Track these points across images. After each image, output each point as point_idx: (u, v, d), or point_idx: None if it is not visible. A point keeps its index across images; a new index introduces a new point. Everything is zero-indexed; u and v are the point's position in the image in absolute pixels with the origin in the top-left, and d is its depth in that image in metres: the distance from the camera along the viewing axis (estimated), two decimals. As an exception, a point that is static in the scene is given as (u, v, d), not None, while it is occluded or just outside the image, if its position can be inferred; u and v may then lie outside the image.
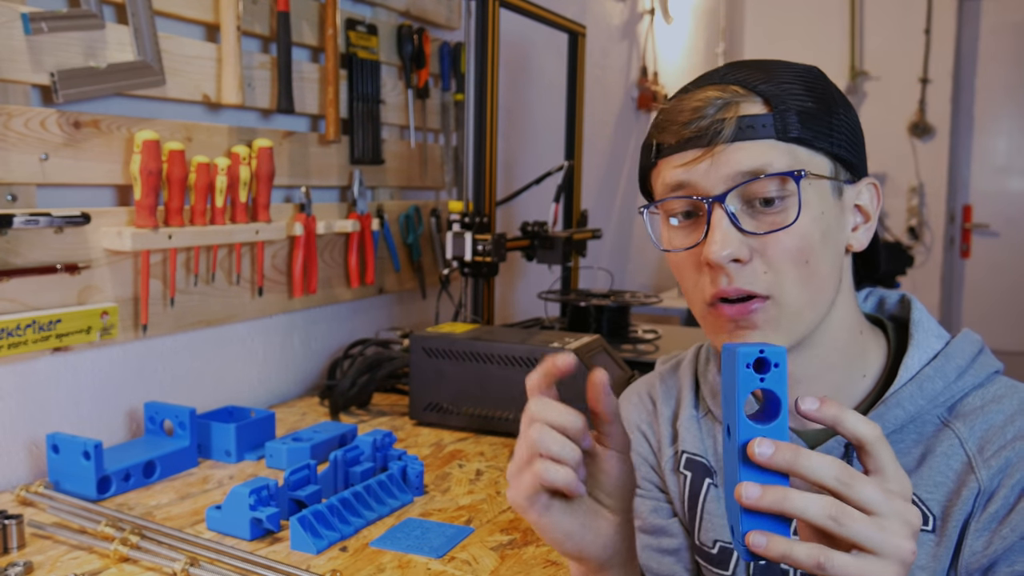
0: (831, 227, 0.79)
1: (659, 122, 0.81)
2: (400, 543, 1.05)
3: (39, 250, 1.25)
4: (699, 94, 0.78)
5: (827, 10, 4.51)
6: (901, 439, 0.81)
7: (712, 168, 0.76)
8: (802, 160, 0.77)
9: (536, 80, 2.68)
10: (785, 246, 0.76)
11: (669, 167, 0.79)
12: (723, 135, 0.76)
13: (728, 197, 0.76)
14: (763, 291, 0.77)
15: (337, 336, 1.90)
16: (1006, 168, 4.41)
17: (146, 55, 1.37)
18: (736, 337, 0.79)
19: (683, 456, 0.94)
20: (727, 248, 0.75)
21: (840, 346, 0.83)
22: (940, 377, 0.81)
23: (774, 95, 0.77)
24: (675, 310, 3.30)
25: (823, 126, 0.78)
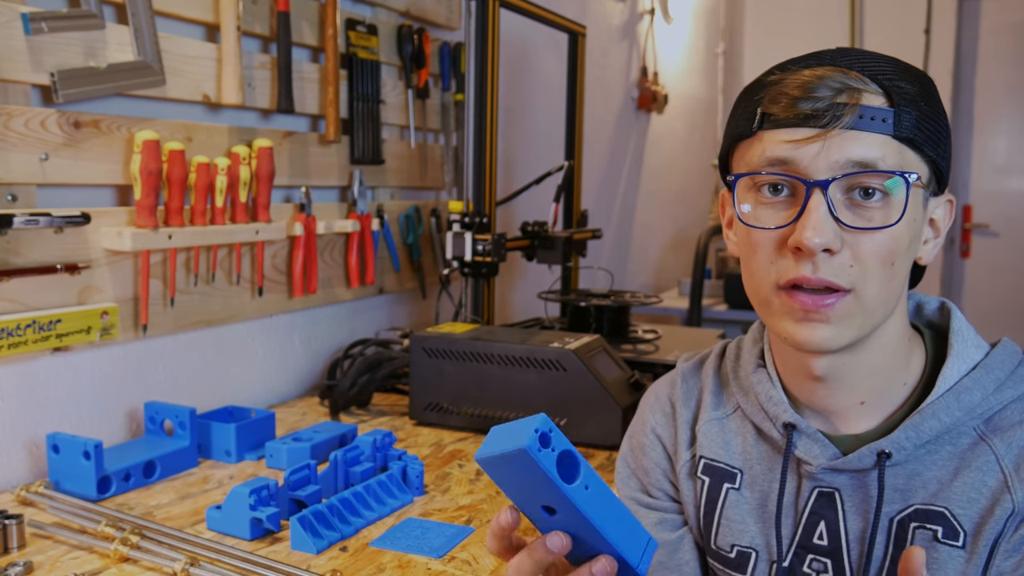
0: (916, 235, 0.78)
1: (770, 92, 0.78)
2: (400, 543, 1.05)
3: (39, 250, 1.25)
4: (815, 71, 0.76)
5: (827, 10, 4.51)
6: (936, 450, 0.79)
7: (823, 152, 0.74)
8: (909, 162, 0.76)
9: (536, 80, 2.68)
10: (878, 244, 0.75)
11: (775, 140, 0.76)
12: (842, 120, 0.73)
13: (832, 185, 0.74)
14: (847, 285, 0.75)
15: (337, 336, 1.90)
16: (1006, 168, 4.41)
17: (146, 55, 1.37)
18: (803, 328, 0.77)
19: (700, 461, 0.92)
20: (822, 235, 0.73)
21: (888, 352, 0.82)
22: (978, 389, 0.79)
23: (897, 91, 0.75)
24: (675, 310, 3.30)
25: (933, 133, 0.76)
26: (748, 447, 0.90)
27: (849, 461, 0.81)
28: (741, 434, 0.91)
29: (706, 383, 0.96)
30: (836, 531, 0.83)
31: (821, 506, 0.84)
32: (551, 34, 2.45)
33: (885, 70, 0.76)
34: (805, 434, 0.84)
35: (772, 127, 0.77)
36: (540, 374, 1.44)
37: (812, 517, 0.84)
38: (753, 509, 0.88)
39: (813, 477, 0.84)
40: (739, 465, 0.90)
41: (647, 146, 3.65)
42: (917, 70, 0.79)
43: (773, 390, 0.87)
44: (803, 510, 0.85)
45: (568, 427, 1.43)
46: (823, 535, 0.83)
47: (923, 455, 0.80)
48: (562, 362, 1.43)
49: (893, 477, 0.81)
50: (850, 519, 0.82)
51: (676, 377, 1.00)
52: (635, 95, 3.47)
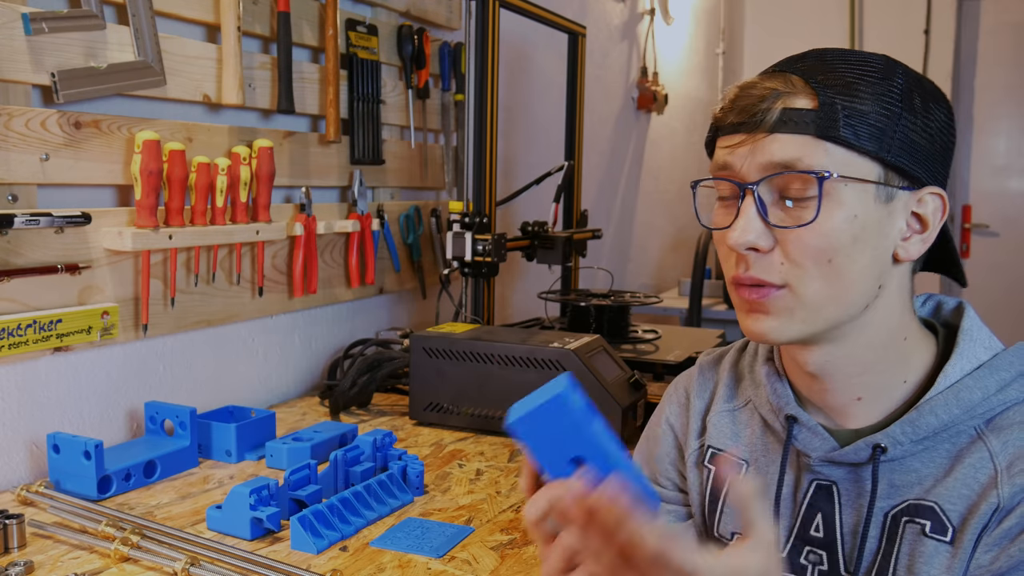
0: (868, 232, 0.78)
1: (723, 99, 0.82)
2: (400, 543, 1.06)
3: (40, 250, 1.25)
4: (765, 82, 0.79)
5: (827, 10, 4.52)
6: (934, 446, 0.80)
7: (750, 155, 0.77)
8: (839, 161, 0.76)
9: (536, 80, 2.68)
10: (806, 243, 0.76)
11: (720, 146, 0.81)
12: (765, 123, 0.76)
13: (760, 186, 0.77)
14: (777, 281, 0.77)
15: (337, 336, 1.90)
16: (1005, 168, 4.41)
17: (147, 55, 1.37)
18: (749, 319, 0.80)
19: (708, 450, 0.94)
20: (747, 236, 0.77)
21: (877, 348, 0.82)
22: (979, 388, 0.79)
23: (826, 91, 0.76)
24: (675, 310, 3.30)
25: (873, 129, 0.76)
26: (755, 439, 0.91)
27: (845, 454, 0.82)
28: (750, 426, 0.93)
29: (722, 376, 0.98)
30: (832, 524, 0.84)
31: (819, 499, 0.85)
32: (551, 34, 2.45)
33: (827, 69, 0.78)
34: (805, 427, 0.86)
35: (720, 135, 0.82)
36: (540, 374, 1.44)
37: (810, 509, 0.85)
38: None
39: (811, 470, 0.85)
40: (746, 457, 0.92)
41: (647, 146, 3.65)
42: (880, 65, 0.79)
43: (779, 384, 0.89)
44: (802, 502, 0.86)
45: (568, 427, 1.43)
46: (819, 527, 0.85)
47: (920, 451, 0.80)
48: (562, 362, 1.43)
49: (890, 472, 0.81)
50: (845, 512, 0.83)
51: (695, 369, 1.03)
52: (635, 95, 3.47)
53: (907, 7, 4.37)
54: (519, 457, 1.39)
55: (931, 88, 0.81)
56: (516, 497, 1.22)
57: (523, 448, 0.63)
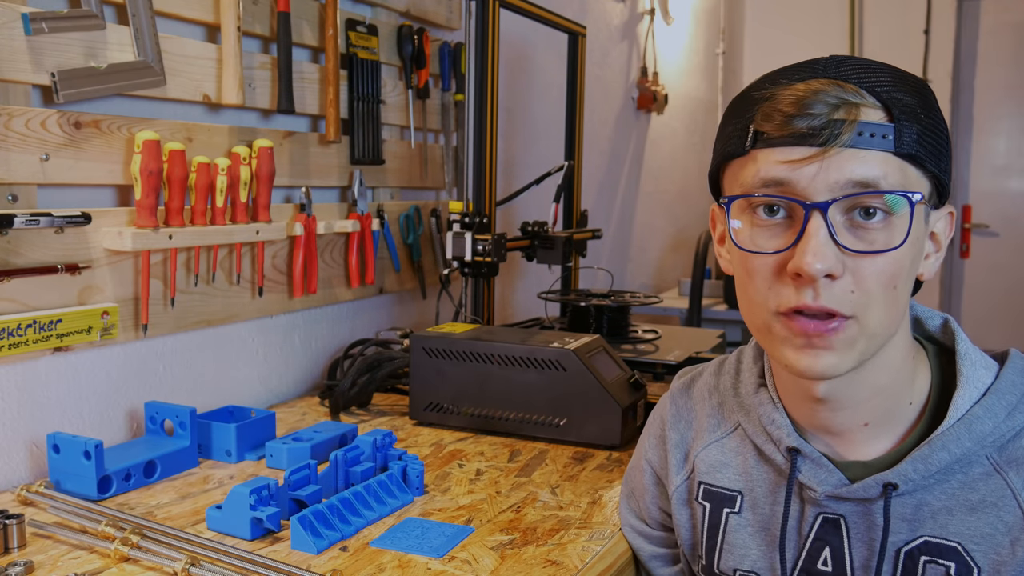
0: (919, 254, 0.75)
1: (763, 109, 0.74)
2: (400, 543, 1.06)
3: (40, 250, 1.25)
4: (808, 85, 0.72)
5: (827, 10, 4.52)
6: (945, 479, 0.77)
7: (821, 172, 0.70)
8: (911, 179, 0.72)
9: (536, 80, 2.68)
10: (880, 269, 0.71)
11: (770, 160, 0.72)
12: (841, 139, 0.69)
13: (831, 207, 0.70)
14: (848, 312, 0.72)
15: (337, 336, 1.90)
16: (1005, 168, 4.41)
17: (147, 55, 1.37)
18: (805, 355, 0.73)
19: (700, 487, 0.91)
20: (824, 261, 0.70)
21: (892, 371, 0.79)
22: (989, 417, 0.76)
23: (896, 104, 0.71)
24: (675, 310, 3.30)
25: (935, 147, 0.73)
26: (749, 468, 0.88)
27: (854, 491, 0.79)
28: (741, 454, 0.89)
29: (702, 404, 0.94)
30: (841, 559, 0.81)
31: (826, 532, 0.81)
32: (551, 34, 2.45)
33: (883, 80, 0.72)
34: (809, 459, 0.82)
35: (766, 146, 0.73)
36: (540, 374, 1.44)
37: (816, 543, 0.82)
38: (755, 532, 0.86)
39: (817, 503, 0.81)
40: (739, 487, 0.88)
41: (647, 146, 3.65)
42: (915, 78, 0.75)
43: (776, 413, 0.85)
44: (807, 535, 0.82)
45: (568, 427, 1.43)
46: (827, 561, 0.81)
47: (931, 484, 0.77)
48: (562, 362, 1.43)
49: (900, 507, 0.78)
50: (855, 547, 0.80)
51: (667, 399, 0.99)
52: (635, 95, 3.47)
53: (907, 7, 4.37)
54: (519, 457, 1.39)
55: None
56: (516, 497, 1.22)
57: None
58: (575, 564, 1.00)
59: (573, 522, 1.13)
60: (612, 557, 1.05)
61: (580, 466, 1.35)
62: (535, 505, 1.19)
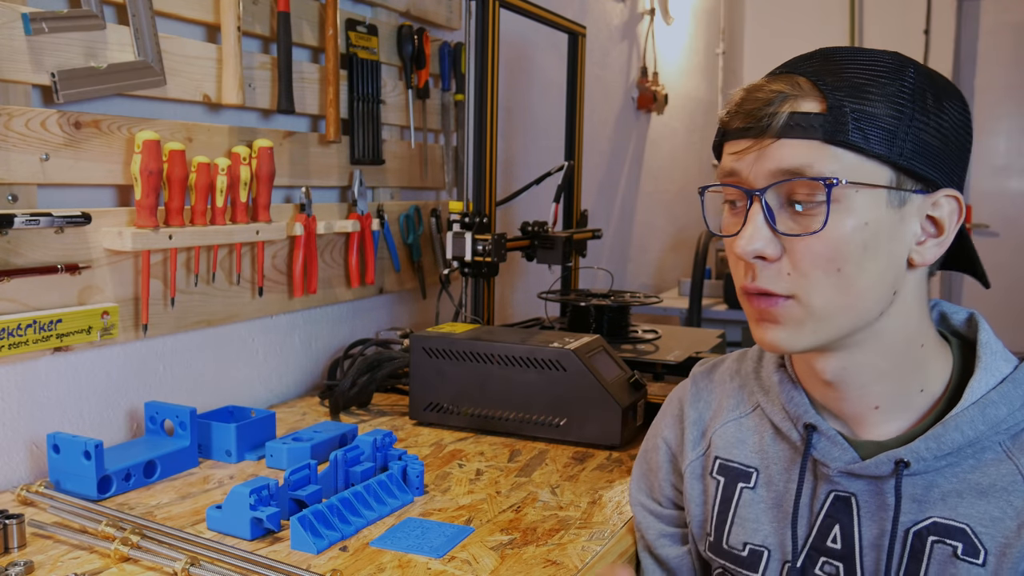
0: (879, 238, 0.75)
1: (728, 103, 0.81)
2: (400, 543, 1.06)
3: (40, 250, 1.25)
4: (771, 84, 0.77)
5: (827, 10, 4.52)
6: (957, 462, 0.78)
7: (757, 161, 0.76)
8: (849, 166, 0.73)
9: (536, 80, 2.68)
10: (814, 251, 0.74)
11: (727, 152, 0.79)
12: (771, 128, 0.74)
13: (768, 193, 0.75)
14: (783, 292, 0.76)
15: (337, 336, 1.90)
16: (1006, 168, 4.41)
17: (147, 55, 1.37)
18: (759, 328, 0.79)
19: (716, 461, 0.92)
20: (753, 244, 0.75)
21: (894, 356, 0.81)
22: (1004, 403, 0.78)
23: (834, 94, 0.74)
24: (675, 310, 3.30)
25: (884, 131, 0.73)
26: (765, 446, 0.90)
27: (866, 467, 0.81)
28: (758, 432, 0.91)
29: (723, 386, 0.96)
30: (850, 536, 0.82)
31: (837, 510, 0.83)
32: (551, 34, 2.45)
33: (836, 71, 0.75)
34: (825, 436, 0.84)
35: (727, 139, 0.80)
36: (540, 374, 1.44)
37: (827, 520, 0.84)
38: (768, 508, 0.88)
39: (830, 480, 0.83)
40: (755, 464, 0.90)
41: (647, 146, 3.65)
42: (892, 65, 0.76)
43: (795, 391, 0.87)
44: (818, 512, 0.84)
45: (568, 427, 1.43)
46: (837, 539, 0.83)
47: (943, 467, 0.79)
48: (562, 362, 1.43)
49: (911, 487, 0.79)
50: (865, 525, 0.82)
51: (688, 382, 1.02)
52: (635, 95, 3.47)
53: (907, 7, 4.37)
54: (519, 457, 1.39)
55: (944, 84, 0.78)
56: (516, 497, 1.22)
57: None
58: (575, 564, 1.00)
59: (573, 522, 1.13)
60: (612, 557, 1.05)
61: (580, 466, 1.35)
62: (535, 505, 1.19)
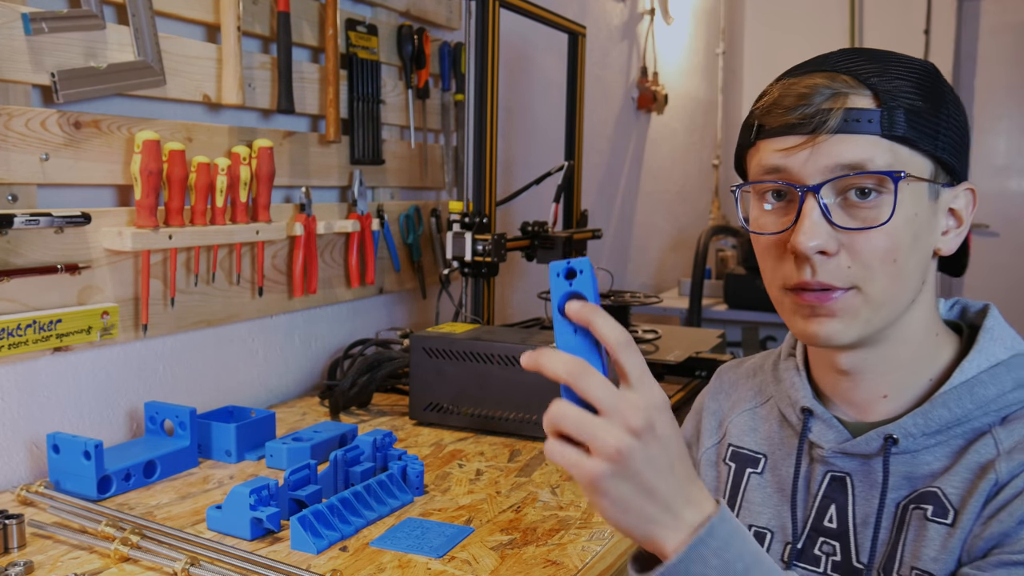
0: (922, 229, 0.79)
1: (764, 103, 0.81)
2: (400, 543, 1.06)
3: (40, 250, 1.25)
4: (808, 80, 0.78)
5: (827, 10, 4.52)
6: (947, 441, 0.80)
7: (812, 157, 0.76)
8: (903, 160, 0.76)
9: (536, 80, 2.68)
10: (874, 244, 0.76)
11: (768, 149, 0.79)
12: (828, 125, 0.75)
13: (823, 189, 0.76)
14: (844, 284, 0.77)
15: (337, 336, 1.90)
16: (1005, 168, 4.41)
17: (146, 55, 1.37)
18: (811, 323, 0.79)
19: (729, 448, 0.96)
20: (815, 239, 0.75)
21: (912, 346, 0.83)
22: (994, 384, 0.80)
23: (884, 90, 0.76)
24: (675, 310, 3.30)
25: (929, 127, 0.77)
26: (772, 432, 0.93)
27: (857, 444, 0.83)
28: (768, 421, 0.94)
29: (746, 380, 0.99)
30: (845, 515, 0.85)
31: (833, 490, 0.86)
32: (551, 34, 2.45)
33: (878, 69, 0.78)
34: (820, 419, 0.87)
35: (766, 137, 0.80)
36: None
37: (824, 500, 0.86)
38: (773, 492, 0.91)
39: (825, 461, 0.86)
40: (764, 450, 0.93)
41: (647, 146, 3.65)
42: (918, 62, 0.80)
43: (797, 377, 0.90)
44: (816, 493, 0.87)
45: (568, 427, 1.43)
46: (833, 518, 0.85)
47: (934, 445, 0.81)
48: (562, 362, 1.43)
49: (903, 464, 0.82)
50: (858, 503, 0.84)
51: (715, 374, 1.05)
52: (635, 95, 3.47)
53: (907, 7, 4.37)
54: (519, 457, 1.39)
55: (950, 84, 0.82)
56: (516, 497, 1.22)
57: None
58: (575, 564, 1.00)
59: (573, 522, 1.13)
60: (612, 557, 1.05)
61: (580, 466, 1.35)
62: (535, 505, 1.19)
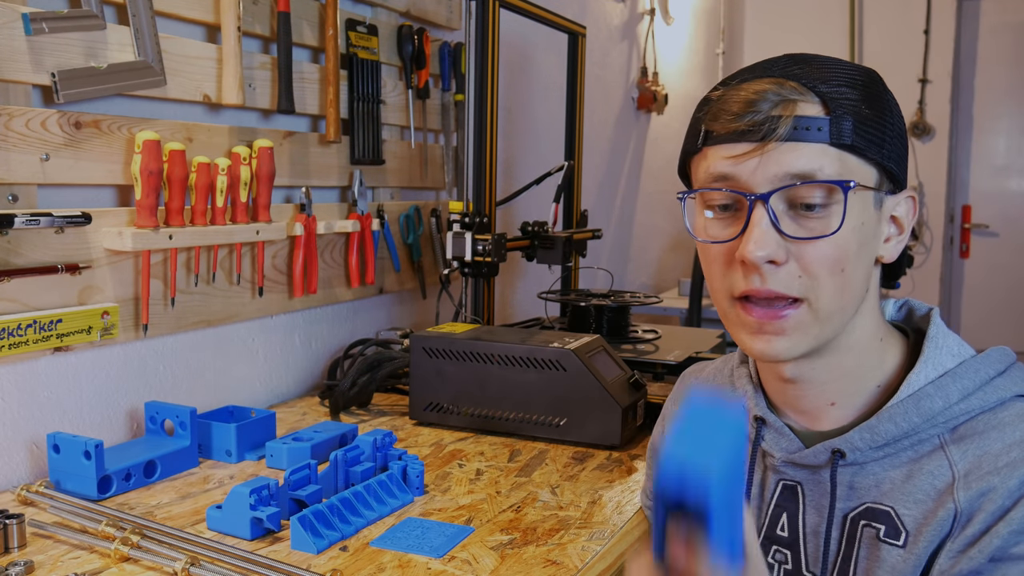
0: (868, 238, 0.78)
1: (711, 109, 0.79)
2: (400, 543, 1.06)
3: (40, 250, 1.25)
4: (755, 85, 0.77)
5: (827, 10, 4.52)
6: (894, 452, 0.80)
7: (761, 165, 0.75)
8: (851, 168, 0.75)
9: (536, 80, 2.68)
10: (823, 253, 0.75)
11: (716, 157, 0.78)
12: (777, 133, 0.74)
13: (772, 198, 0.75)
14: (795, 294, 0.76)
15: (337, 336, 1.90)
16: (1005, 168, 4.41)
17: (147, 55, 1.37)
18: (758, 340, 0.78)
19: None
20: (764, 248, 0.74)
21: (857, 353, 0.82)
22: (940, 396, 0.79)
23: (832, 98, 0.75)
24: (675, 310, 3.30)
25: (875, 135, 0.76)
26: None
27: (805, 456, 0.83)
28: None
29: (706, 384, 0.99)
30: (795, 523, 0.85)
31: (785, 498, 0.86)
32: (551, 34, 2.45)
33: (825, 76, 0.76)
34: (772, 428, 0.87)
35: (714, 143, 0.78)
36: (540, 374, 1.44)
37: (776, 509, 0.87)
38: None
39: (777, 470, 0.87)
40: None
41: (647, 146, 3.65)
42: (862, 70, 0.79)
43: (749, 386, 0.91)
44: (770, 501, 0.87)
45: (568, 427, 1.43)
46: (784, 527, 0.86)
47: (881, 457, 0.81)
48: (562, 362, 1.43)
49: (850, 475, 0.82)
50: (808, 513, 0.85)
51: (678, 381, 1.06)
52: (635, 95, 3.47)
53: (907, 7, 4.37)
54: (519, 457, 1.39)
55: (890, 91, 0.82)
56: (516, 497, 1.22)
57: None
58: (575, 564, 1.00)
59: (573, 522, 1.13)
60: (612, 557, 1.05)
61: (580, 466, 1.35)
62: (535, 505, 1.19)
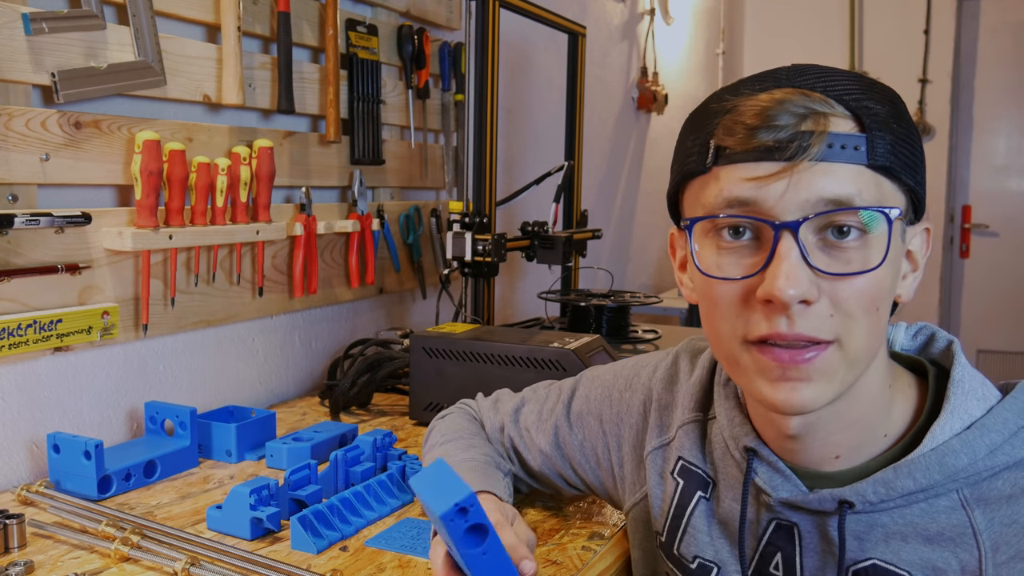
0: (897, 273, 0.69)
1: (723, 122, 0.67)
2: (400, 543, 1.06)
3: (40, 250, 1.25)
4: (771, 94, 0.66)
5: (827, 10, 4.52)
6: (906, 504, 0.71)
7: (790, 189, 0.64)
8: (887, 193, 0.66)
9: (536, 80, 2.68)
10: (860, 290, 0.65)
11: (732, 178, 0.66)
12: (810, 152, 0.63)
13: (803, 226, 0.64)
14: (828, 337, 0.65)
15: (337, 336, 1.90)
16: (1005, 168, 4.41)
17: (147, 55, 1.37)
18: (780, 388, 0.67)
19: (679, 462, 0.86)
20: (797, 287, 0.63)
21: (867, 402, 0.73)
22: (966, 452, 0.69)
23: (867, 113, 0.65)
24: (675, 310, 3.30)
25: (909, 157, 0.67)
26: (718, 456, 0.84)
27: (809, 501, 0.74)
28: (716, 441, 0.85)
29: (699, 378, 0.89)
30: (792, 566, 0.77)
31: (779, 538, 0.77)
32: (551, 34, 2.45)
33: (850, 88, 0.67)
34: (766, 462, 0.77)
35: (728, 162, 0.67)
36: (540, 374, 1.44)
37: (769, 547, 0.78)
38: (718, 523, 0.83)
39: (771, 509, 0.77)
40: (712, 474, 0.84)
41: (647, 146, 3.66)
42: (884, 86, 0.70)
43: (735, 411, 0.80)
44: (761, 537, 0.78)
45: (568, 427, 1.43)
46: (779, 566, 0.77)
47: (891, 508, 0.72)
48: (562, 362, 1.43)
49: (854, 523, 0.73)
50: (807, 557, 0.76)
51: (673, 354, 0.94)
52: (635, 95, 3.48)
53: (907, 7, 4.37)
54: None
55: None
56: (515, 497, 1.22)
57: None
58: (575, 564, 1.00)
59: (573, 522, 1.13)
60: (612, 557, 1.05)
61: (580, 466, 1.35)
62: (535, 505, 1.19)
